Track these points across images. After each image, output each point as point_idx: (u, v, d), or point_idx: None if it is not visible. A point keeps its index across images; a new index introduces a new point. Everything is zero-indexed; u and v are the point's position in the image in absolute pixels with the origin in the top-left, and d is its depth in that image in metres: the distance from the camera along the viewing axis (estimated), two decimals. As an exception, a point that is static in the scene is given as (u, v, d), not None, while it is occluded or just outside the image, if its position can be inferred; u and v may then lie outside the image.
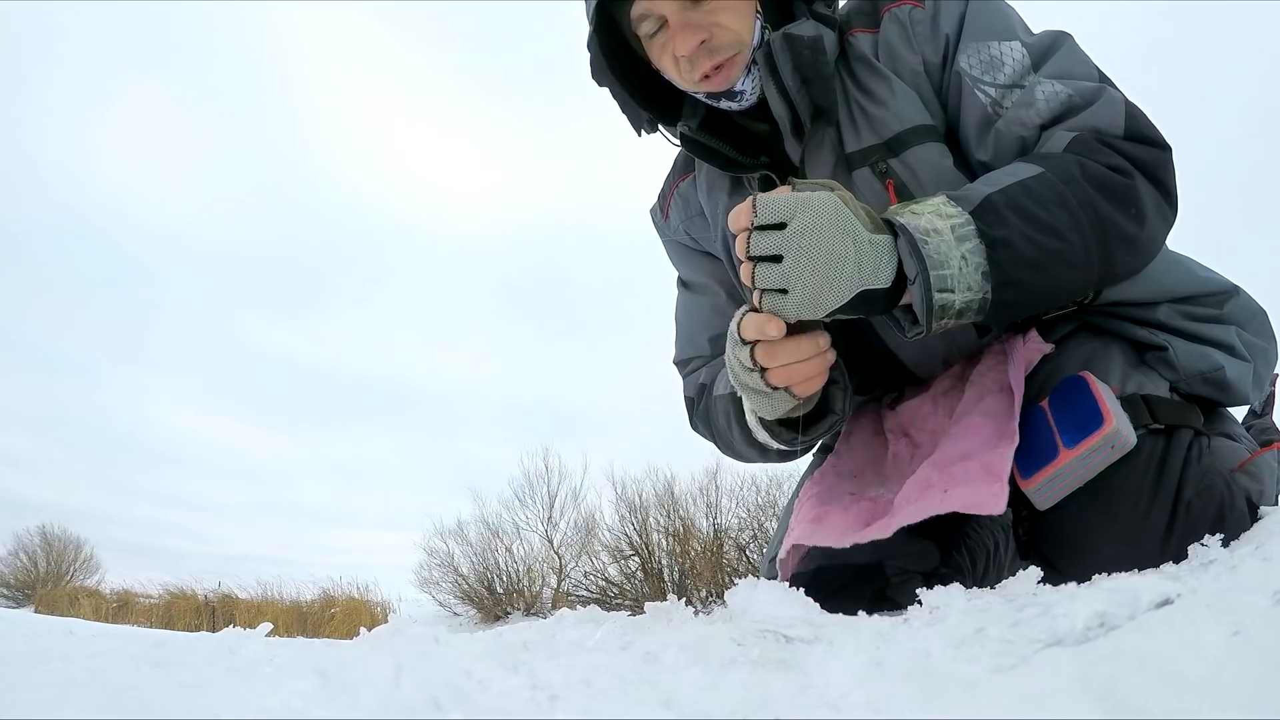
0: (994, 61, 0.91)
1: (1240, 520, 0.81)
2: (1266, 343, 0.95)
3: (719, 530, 8.25)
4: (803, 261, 0.73)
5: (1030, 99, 0.89)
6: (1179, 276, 0.94)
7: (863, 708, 0.42)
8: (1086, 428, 0.79)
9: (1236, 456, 0.88)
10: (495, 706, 0.43)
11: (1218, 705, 0.38)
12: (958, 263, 0.75)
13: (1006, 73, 0.91)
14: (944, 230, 0.76)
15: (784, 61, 0.93)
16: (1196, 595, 0.53)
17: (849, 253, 0.74)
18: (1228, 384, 0.89)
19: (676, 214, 1.19)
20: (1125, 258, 0.84)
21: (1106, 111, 0.86)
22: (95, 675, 0.49)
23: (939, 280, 0.74)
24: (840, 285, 0.74)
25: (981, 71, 0.92)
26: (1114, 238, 0.81)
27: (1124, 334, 0.93)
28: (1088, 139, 0.84)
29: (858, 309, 0.77)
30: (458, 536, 9.71)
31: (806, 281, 0.73)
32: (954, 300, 0.76)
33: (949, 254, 0.75)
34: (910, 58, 0.96)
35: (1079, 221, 0.79)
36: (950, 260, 0.75)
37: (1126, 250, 0.83)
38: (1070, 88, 0.88)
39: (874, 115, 0.96)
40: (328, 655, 0.54)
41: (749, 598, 0.65)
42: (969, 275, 0.75)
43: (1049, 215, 0.78)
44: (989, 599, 0.62)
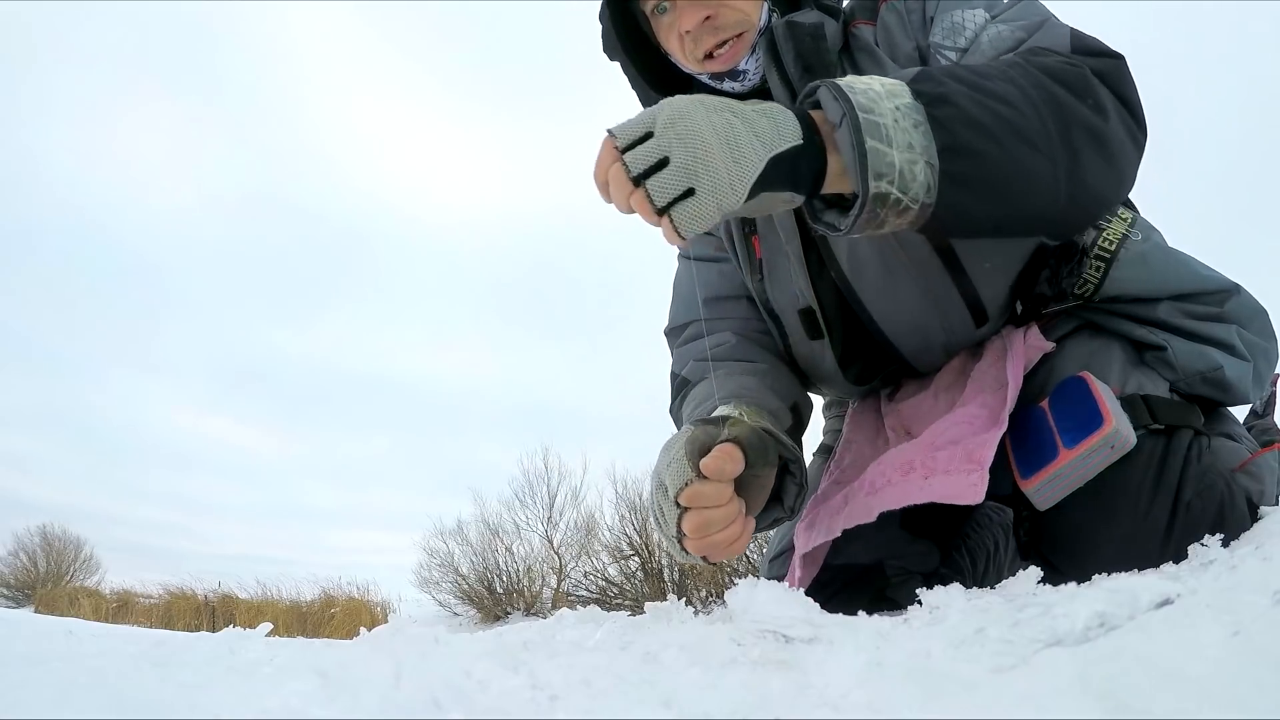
0: (955, 27, 0.93)
1: (1240, 520, 0.81)
2: (1267, 342, 0.95)
3: (719, 530, 8.23)
4: (690, 144, 0.64)
5: (977, 46, 0.90)
6: (1180, 274, 0.94)
7: (863, 708, 0.42)
8: (1086, 428, 0.79)
9: (1237, 456, 0.88)
10: (495, 706, 0.43)
11: (1218, 705, 0.38)
12: (890, 112, 0.66)
13: (967, 35, 0.92)
14: (874, 84, 0.68)
15: (787, 49, 0.93)
16: (1196, 595, 0.53)
17: (734, 123, 0.66)
18: (1227, 383, 0.89)
19: None
20: (1093, 154, 0.75)
21: (1050, 36, 0.85)
22: (95, 675, 0.49)
23: (869, 126, 0.65)
24: (745, 155, 0.65)
25: (943, 38, 0.93)
26: (1075, 123, 0.73)
27: (1124, 333, 0.93)
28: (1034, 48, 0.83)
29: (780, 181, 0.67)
30: (458, 536, 9.71)
31: (706, 164, 0.64)
32: (890, 155, 0.65)
33: (878, 102, 0.66)
34: (906, 44, 0.98)
35: (1028, 95, 0.72)
36: (881, 108, 0.66)
37: (1093, 144, 0.74)
38: (1010, 25, 0.89)
39: None
40: (328, 655, 0.54)
41: (749, 598, 0.64)
42: (905, 131, 0.66)
43: (994, 84, 0.71)
44: (989, 599, 0.62)
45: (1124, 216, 0.97)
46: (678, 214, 0.64)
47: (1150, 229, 0.98)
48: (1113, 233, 0.94)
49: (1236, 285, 0.95)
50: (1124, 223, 0.96)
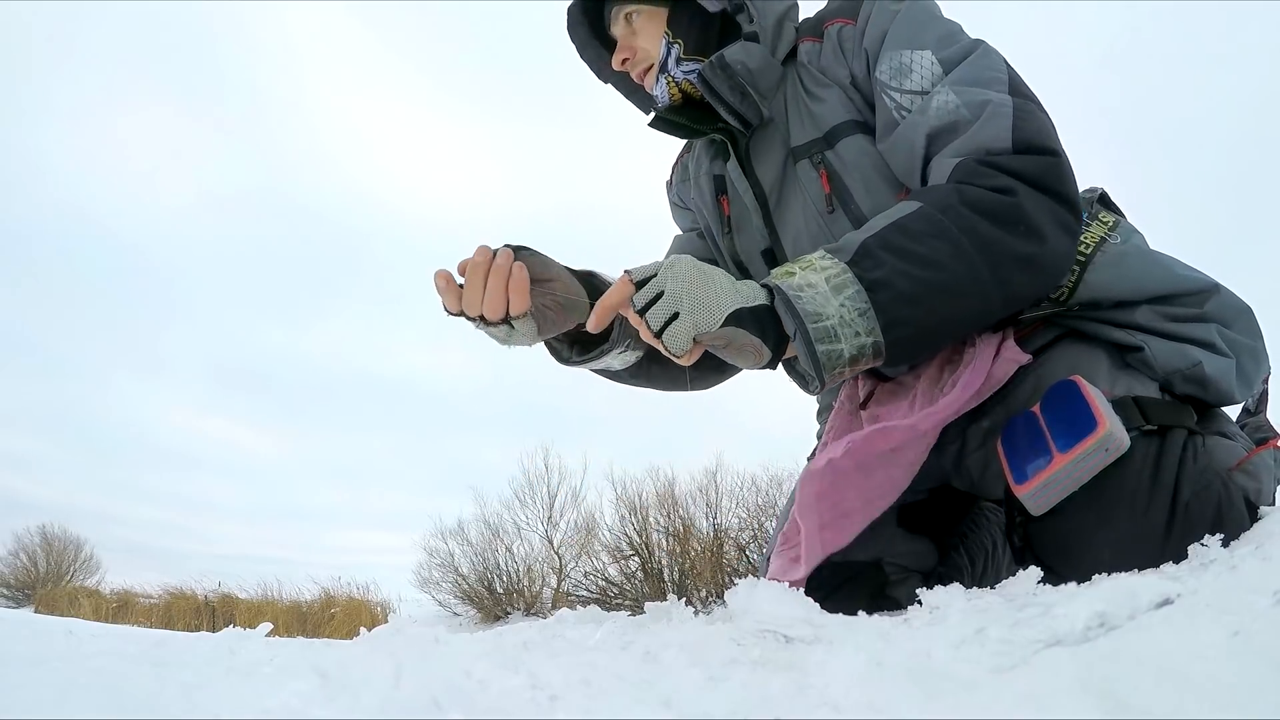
0: (902, 68, 0.97)
1: (1239, 520, 0.81)
2: (1253, 340, 0.95)
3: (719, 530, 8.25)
4: (679, 284, 0.80)
5: (926, 107, 0.94)
6: (1158, 276, 0.94)
7: (863, 708, 0.42)
8: (1079, 432, 0.79)
9: (1233, 455, 0.88)
10: (495, 706, 0.43)
11: (1218, 705, 0.38)
12: (836, 311, 0.78)
13: (914, 79, 0.96)
14: (818, 283, 0.80)
15: (720, 83, 1.08)
16: (1196, 595, 0.53)
17: (718, 278, 0.82)
18: (1207, 380, 0.89)
19: (676, 178, 1.35)
20: (1025, 277, 0.84)
21: (992, 127, 0.88)
22: (95, 675, 0.49)
23: (819, 333, 0.78)
24: (720, 298, 0.80)
25: (890, 77, 0.98)
26: (1005, 259, 0.82)
27: (1104, 337, 0.94)
28: (970, 165, 0.87)
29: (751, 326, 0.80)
30: (458, 536, 9.70)
31: (690, 297, 0.80)
32: (842, 350, 0.79)
33: (825, 305, 0.78)
34: (839, 72, 1.06)
35: (960, 249, 0.81)
36: (827, 311, 0.78)
37: (1025, 270, 0.84)
38: (961, 98, 0.92)
39: (816, 113, 1.06)
40: (328, 655, 0.54)
41: (749, 598, 0.65)
42: (853, 322, 0.78)
43: (926, 248, 0.80)
44: (989, 599, 0.62)
45: (1105, 220, 0.98)
46: (665, 336, 0.80)
47: (1131, 231, 0.98)
48: (1090, 236, 0.95)
49: (1217, 285, 0.95)
50: (1104, 226, 0.96)
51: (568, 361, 1.06)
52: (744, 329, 0.80)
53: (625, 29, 1.15)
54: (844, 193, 1.03)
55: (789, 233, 1.10)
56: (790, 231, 1.10)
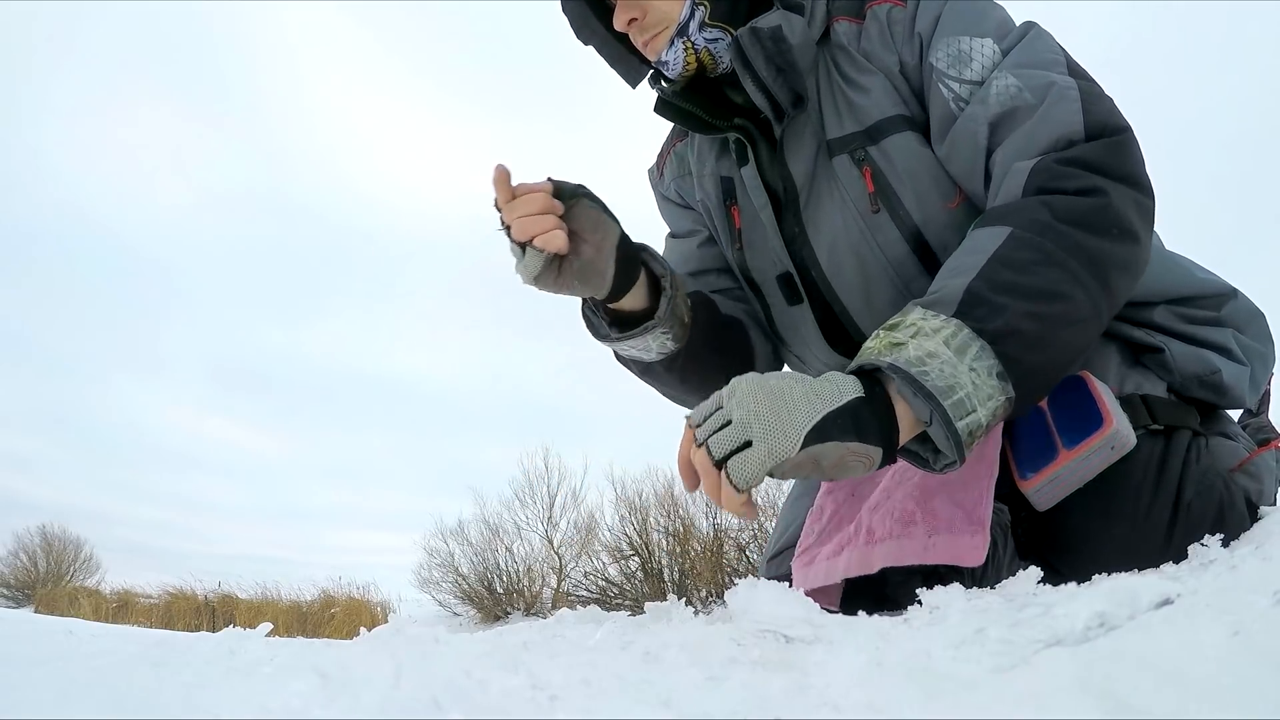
0: (962, 56, 0.90)
1: (1240, 520, 0.81)
2: (1265, 346, 0.95)
3: (719, 530, 8.24)
4: (745, 405, 0.68)
5: (986, 94, 0.87)
6: (1177, 277, 0.93)
7: (863, 708, 0.42)
8: (1086, 428, 0.79)
9: (1235, 456, 0.88)
10: (495, 706, 0.43)
11: (1218, 705, 0.38)
12: (968, 379, 0.69)
13: (974, 69, 0.89)
14: (939, 351, 0.69)
15: (755, 55, 0.96)
16: (1196, 595, 0.52)
17: (793, 386, 0.70)
18: (1224, 387, 0.88)
19: (670, 172, 1.22)
20: (1127, 283, 0.80)
21: (1060, 112, 0.83)
22: (95, 675, 0.49)
23: (956, 409, 0.68)
24: (799, 408, 0.68)
25: (948, 66, 0.91)
26: (1112, 269, 0.77)
27: (1120, 334, 0.93)
28: (1049, 167, 0.81)
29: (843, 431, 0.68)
30: (458, 536, 9.70)
31: (760, 418, 0.67)
32: (980, 419, 0.69)
33: (955, 375, 0.68)
34: (888, 57, 0.96)
35: (1071, 271, 0.74)
36: (960, 382, 0.68)
37: (1126, 275, 0.79)
38: (1022, 80, 0.86)
39: (856, 103, 0.96)
40: (328, 655, 0.54)
41: (749, 598, 0.64)
42: (985, 385, 0.69)
43: (1041, 280, 0.73)
44: (989, 599, 0.62)
45: None
46: (732, 466, 0.68)
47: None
48: None
49: (1234, 289, 0.95)
50: None
51: (605, 338, 1.00)
52: (833, 440, 0.68)
53: None
54: (890, 195, 0.95)
55: (823, 234, 1.01)
56: (825, 233, 1.00)
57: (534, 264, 0.87)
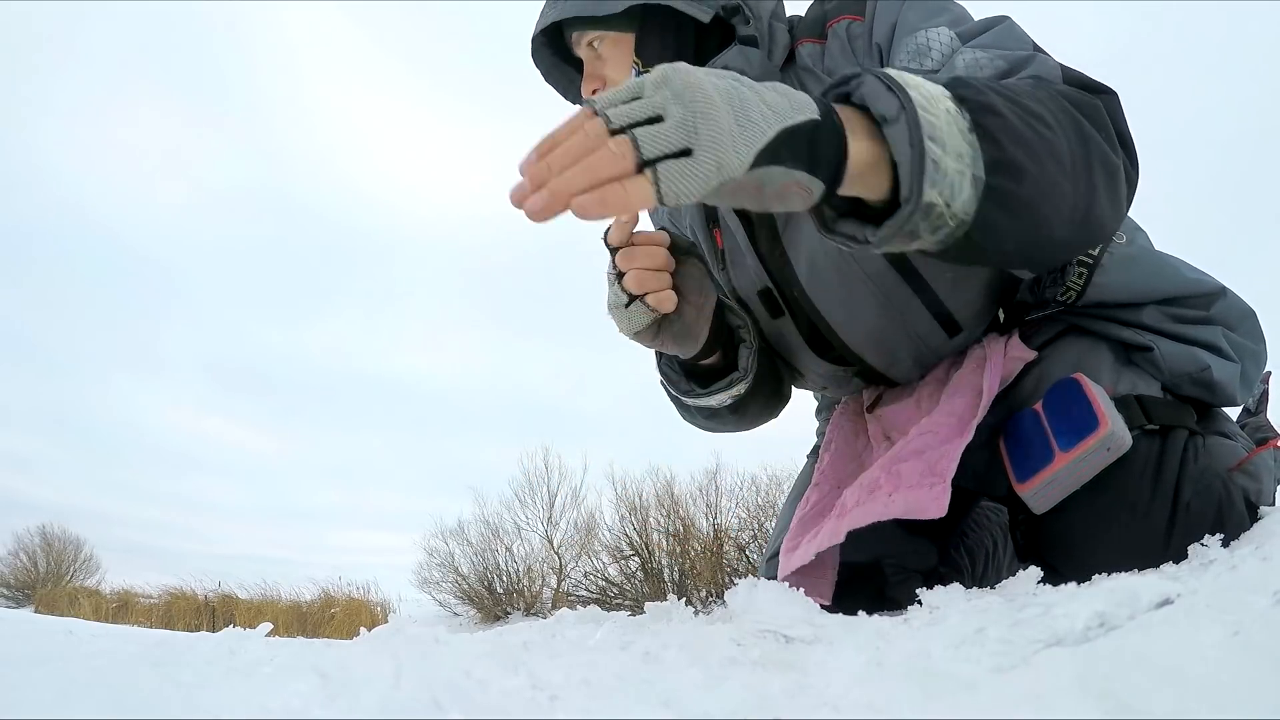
0: (920, 49, 0.89)
1: (1239, 520, 0.81)
2: (1256, 344, 0.95)
3: (719, 530, 8.25)
4: (692, 103, 0.53)
5: (951, 69, 0.83)
6: (1166, 277, 0.93)
7: (863, 708, 0.42)
8: (1082, 430, 0.79)
9: (1234, 455, 0.88)
10: (495, 706, 0.43)
11: (1218, 705, 0.38)
12: (944, 115, 0.58)
13: (933, 57, 0.88)
14: (921, 82, 0.60)
15: None
16: (1196, 595, 0.53)
17: (743, 89, 0.56)
18: (1215, 384, 0.88)
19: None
20: (1105, 191, 0.71)
21: (1041, 68, 0.79)
22: (95, 675, 0.49)
23: (928, 125, 0.57)
24: (752, 119, 0.55)
25: (909, 60, 0.89)
26: (1095, 156, 0.69)
27: (1109, 335, 0.93)
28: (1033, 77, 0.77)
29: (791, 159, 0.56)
30: (458, 536, 9.71)
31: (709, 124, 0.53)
32: (946, 164, 0.58)
33: (934, 102, 0.59)
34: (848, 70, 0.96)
35: (1060, 120, 0.67)
36: (935, 108, 0.58)
37: (1107, 180, 0.71)
38: (991, 54, 0.83)
39: None
40: (328, 655, 0.54)
41: (749, 598, 0.65)
42: (956, 137, 0.58)
43: (1029, 103, 0.65)
44: (989, 599, 0.62)
45: None
46: (665, 171, 0.52)
47: (1135, 230, 0.98)
48: None
49: (1223, 287, 0.95)
50: None
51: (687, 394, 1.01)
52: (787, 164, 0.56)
53: (590, 54, 1.05)
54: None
55: (802, 254, 1.00)
56: (804, 252, 0.99)
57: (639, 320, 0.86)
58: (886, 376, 1.08)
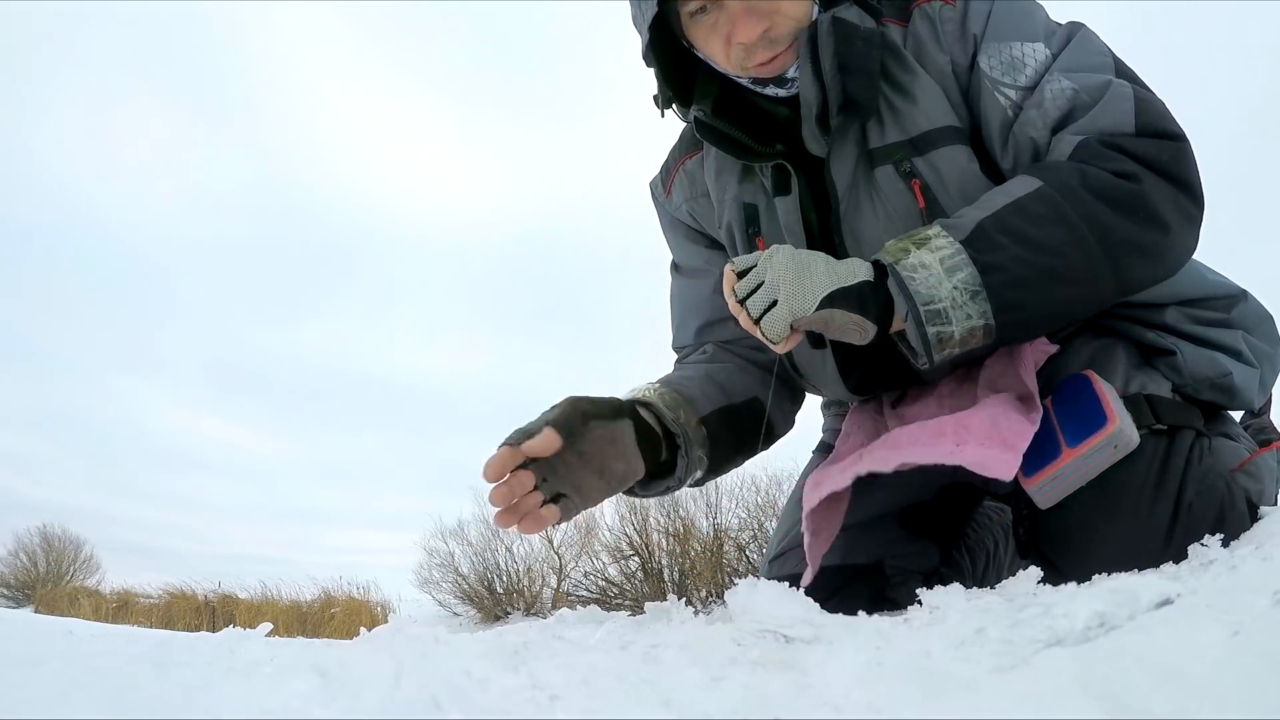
0: (1015, 63, 0.88)
1: (1240, 520, 0.81)
2: (1273, 348, 0.95)
3: (719, 530, 8.24)
4: (777, 271, 0.82)
5: (1040, 99, 0.87)
6: (1188, 279, 0.93)
7: (863, 708, 0.42)
8: (1089, 427, 0.79)
9: (1236, 457, 0.88)
10: (495, 706, 0.43)
11: (1218, 705, 0.38)
12: (949, 294, 0.78)
13: (1028, 74, 0.88)
14: (932, 264, 0.79)
15: (826, 46, 0.88)
16: (1196, 595, 0.53)
17: (817, 261, 0.83)
18: (1234, 390, 0.89)
19: (680, 191, 1.14)
20: (1142, 266, 0.83)
21: (1114, 109, 0.83)
22: (95, 675, 0.49)
23: (930, 315, 0.78)
24: (818, 279, 0.81)
25: (1002, 73, 0.89)
26: (1122, 247, 0.80)
27: (1130, 335, 0.93)
28: (1093, 145, 0.82)
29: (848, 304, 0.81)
30: (458, 536, 9.70)
31: (786, 285, 0.81)
32: (952, 331, 0.79)
33: (938, 287, 0.78)
34: (939, 57, 0.92)
35: (1078, 236, 0.79)
36: (939, 294, 0.78)
37: (1143, 259, 0.82)
38: (1076, 82, 0.86)
39: (902, 111, 0.92)
40: (328, 655, 0.54)
41: (749, 598, 0.65)
42: (964, 305, 0.78)
43: (1043, 234, 0.79)
44: (989, 599, 0.62)
45: None
46: (765, 322, 0.82)
47: None
48: None
49: (1243, 291, 0.95)
50: None
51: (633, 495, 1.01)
52: (839, 309, 0.81)
53: None
54: (941, 212, 0.90)
55: (865, 247, 0.96)
56: (867, 245, 0.96)
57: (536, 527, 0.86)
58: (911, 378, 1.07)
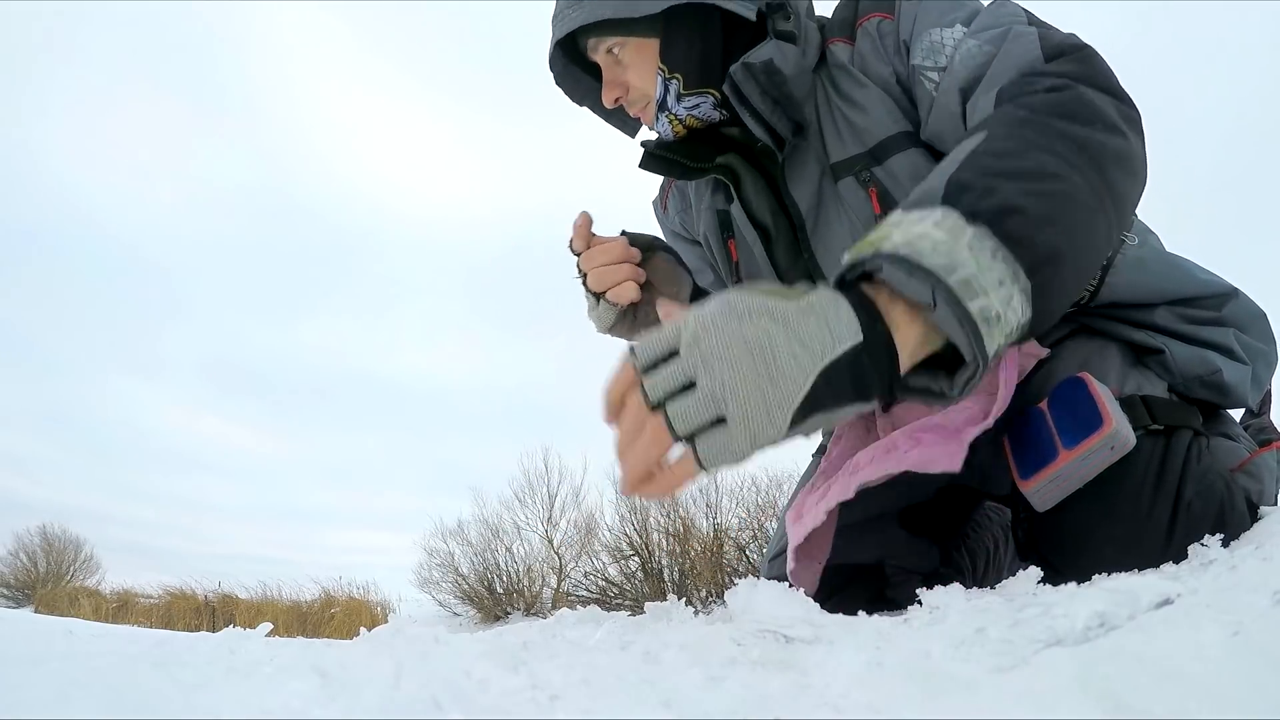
0: (935, 47, 0.91)
1: (1240, 520, 0.81)
2: (1267, 345, 0.95)
3: (719, 530, 8.24)
4: (720, 371, 0.53)
5: (950, 65, 0.88)
6: (1177, 278, 0.93)
7: (863, 708, 0.42)
8: (1086, 429, 0.79)
9: (1236, 456, 0.88)
10: (495, 706, 0.43)
11: (1218, 705, 0.38)
12: (969, 258, 0.56)
13: (946, 53, 0.90)
14: (929, 232, 0.58)
15: (750, 90, 0.96)
16: (1196, 595, 0.53)
17: (774, 332, 0.54)
18: (1226, 387, 0.89)
19: (674, 206, 1.25)
20: (1126, 178, 0.71)
21: (1018, 49, 0.82)
22: (95, 675, 0.49)
23: (962, 286, 0.55)
24: (788, 374, 0.53)
25: (924, 58, 0.92)
26: (1103, 156, 0.69)
27: (1121, 336, 0.93)
28: (1010, 86, 0.78)
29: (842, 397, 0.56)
30: (458, 536, 9.71)
31: (738, 396, 0.53)
32: (991, 305, 0.56)
33: (954, 253, 0.56)
34: (882, 69, 0.97)
35: (1060, 154, 0.65)
36: (960, 259, 0.56)
37: (1124, 168, 0.70)
38: (979, 39, 0.87)
39: (857, 124, 0.97)
40: (328, 655, 0.54)
41: (749, 598, 0.65)
42: (990, 267, 0.57)
43: (1031, 162, 0.64)
44: (989, 599, 0.62)
45: None
46: (703, 445, 0.54)
47: (1147, 232, 0.98)
48: None
49: (1235, 289, 0.95)
50: None
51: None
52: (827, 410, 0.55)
53: (609, 60, 1.03)
54: None
55: (832, 259, 0.99)
56: (836, 255, 0.99)
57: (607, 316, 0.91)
58: None
